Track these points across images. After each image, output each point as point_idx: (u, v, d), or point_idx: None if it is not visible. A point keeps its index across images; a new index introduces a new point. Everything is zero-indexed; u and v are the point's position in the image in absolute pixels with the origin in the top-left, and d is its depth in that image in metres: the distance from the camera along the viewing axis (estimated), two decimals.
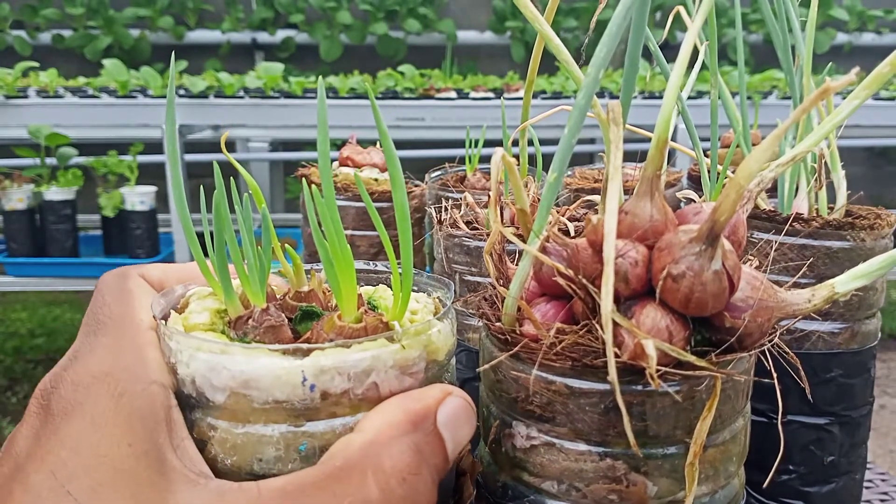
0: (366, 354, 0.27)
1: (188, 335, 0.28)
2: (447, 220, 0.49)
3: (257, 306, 0.30)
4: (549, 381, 0.27)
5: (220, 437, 0.27)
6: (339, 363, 0.27)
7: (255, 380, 0.26)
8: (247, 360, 0.27)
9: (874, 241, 0.42)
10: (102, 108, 2.17)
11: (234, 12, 3.52)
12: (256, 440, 0.27)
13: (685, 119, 0.43)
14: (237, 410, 0.27)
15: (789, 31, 0.43)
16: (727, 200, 0.24)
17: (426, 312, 0.32)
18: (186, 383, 0.28)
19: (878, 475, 0.75)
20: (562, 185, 0.35)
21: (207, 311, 0.31)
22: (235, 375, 0.27)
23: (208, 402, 0.27)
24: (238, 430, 0.27)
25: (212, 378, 0.27)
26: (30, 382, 2.54)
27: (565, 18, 3.48)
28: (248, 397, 0.27)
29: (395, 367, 0.28)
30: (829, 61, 0.60)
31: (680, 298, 0.25)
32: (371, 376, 0.28)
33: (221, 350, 0.27)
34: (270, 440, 0.27)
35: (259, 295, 0.30)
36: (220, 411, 0.27)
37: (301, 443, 0.27)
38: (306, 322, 0.30)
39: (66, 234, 2.16)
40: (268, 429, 0.27)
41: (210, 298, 0.32)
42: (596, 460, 0.28)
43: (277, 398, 0.27)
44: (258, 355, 0.27)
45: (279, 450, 0.27)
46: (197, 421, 0.28)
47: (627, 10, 0.24)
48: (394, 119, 2.23)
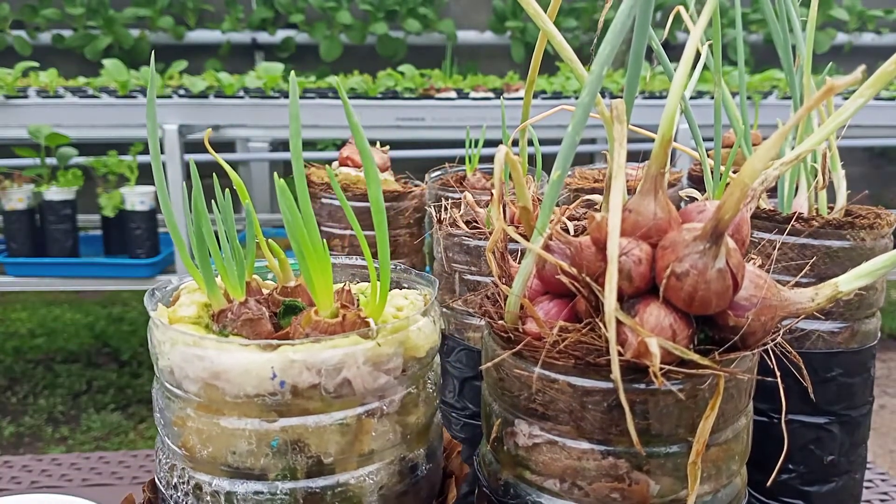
0: (336, 351, 0.27)
1: (167, 327, 0.29)
2: (447, 219, 0.49)
3: (237, 300, 0.30)
4: (552, 379, 0.27)
5: (196, 427, 0.28)
6: (308, 358, 0.27)
7: (226, 372, 0.27)
8: (218, 353, 0.27)
9: (874, 240, 0.42)
10: (102, 108, 2.17)
11: (234, 12, 3.52)
12: (230, 433, 0.27)
13: (688, 118, 0.43)
14: (211, 402, 0.27)
15: (790, 31, 0.43)
16: (731, 198, 0.24)
17: (413, 309, 0.32)
18: (166, 373, 0.29)
19: (878, 475, 0.75)
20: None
21: (195, 304, 0.31)
22: (207, 367, 0.27)
23: (185, 392, 0.28)
24: (212, 421, 0.28)
25: (186, 369, 0.27)
26: (30, 382, 2.54)
27: (565, 18, 3.48)
28: (220, 390, 0.27)
29: (369, 363, 0.28)
30: (830, 61, 0.60)
31: (683, 297, 0.25)
32: (343, 372, 0.27)
33: (195, 342, 0.27)
34: (243, 434, 0.27)
35: (237, 288, 0.30)
36: (195, 402, 0.28)
37: (273, 438, 0.27)
38: (289, 317, 0.30)
39: (66, 234, 2.16)
40: (241, 422, 0.27)
41: (199, 292, 0.32)
42: (598, 459, 0.28)
43: (248, 392, 0.27)
44: (230, 348, 0.27)
45: (251, 444, 0.27)
46: (177, 410, 0.29)
47: (631, 8, 0.25)
48: (394, 119, 2.22)
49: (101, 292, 3.36)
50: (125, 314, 3.17)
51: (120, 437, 2.22)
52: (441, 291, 0.50)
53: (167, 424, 0.29)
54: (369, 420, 0.29)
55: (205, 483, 0.28)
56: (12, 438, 2.22)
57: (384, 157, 0.70)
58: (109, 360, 2.72)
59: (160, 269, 2.28)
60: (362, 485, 0.29)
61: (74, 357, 2.72)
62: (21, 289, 2.22)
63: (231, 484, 0.28)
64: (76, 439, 2.20)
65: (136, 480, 0.75)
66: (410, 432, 0.30)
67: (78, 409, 2.38)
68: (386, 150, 0.71)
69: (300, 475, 0.28)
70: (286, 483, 0.28)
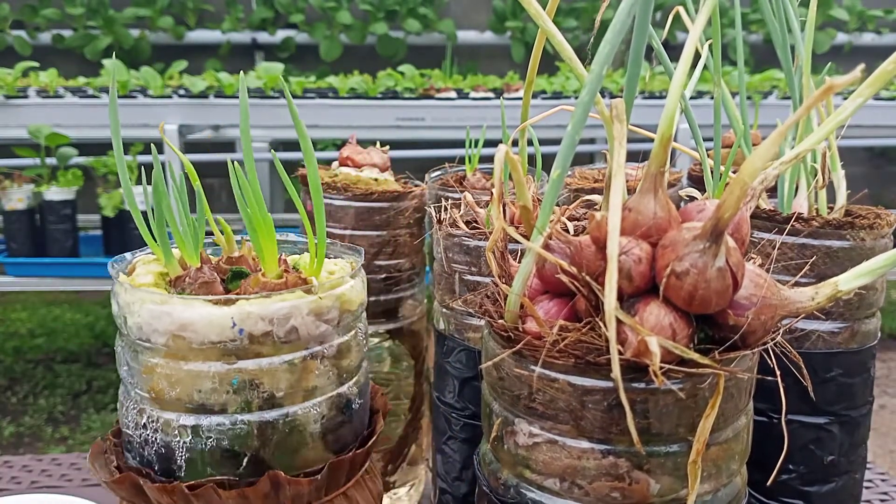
0: (285, 304, 0.32)
1: (136, 290, 0.33)
2: (447, 219, 0.49)
3: (192, 266, 0.35)
4: (552, 378, 0.28)
5: (165, 373, 0.32)
6: (262, 310, 0.32)
7: (192, 324, 0.31)
8: (184, 309, 0.31)
9: (874, 240, 0.43)
10: (102, 108, 2.17)
11: (234, 12, 3.52)
12: (195, 375, 0.32)
13: (688, 118, 0.43)
14: (177, 351, 0.32)
15: (788, 31, 0.43)
16: (731, 197, 0.24)
17: (343, 272, 0.37)
18: (134, 330, 0.33)
19: (878, 475, 0.75)
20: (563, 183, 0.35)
21: (151, 273, 0.36)
22: (175, 321, 0.31)
23: (153, 344, 0.32)
24: (179, 367, 0.32)
25: (154, 324, 0.32)
26: (30, 382, 2.54)
27: (565, 18, 3.48)
28: (185, 339, 0.32)
29: (311, 314, 0.33)
30: (830, 61, 0.60)
31: (683, 296, 0.25)
32: (290, 321, 0.32)
33: (163, 301, 0.32)
34: (207, 375, 0.32)
35: (193, 256, 0.36)
36: (163, 351, 0.32)
37: (233, 377, 0.32)
38: (236, 281, 0.35)
39: (66, 234, 2.16)
40: (205, 366, 0.32)
41: (153, 263, 0.37)
42: (598, 458, 0.28)
43: (212, 339, 0.32)
44: (194, 304, 0.32)
45: (215, 383, 0.32)
46: (145, 361, 0.33)
47: (631, 7, 0.25)
48: (394, 119, 2.22)
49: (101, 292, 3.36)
50: None
51: None
52: (441, 292, 0.50)
53: (136, 374, 0.33)
54: (312, 361, 0.34)
55: (172, 420, 0.33)
56: (12, 438, 2.22)
57: (384, 157, 0.70)
58: (109, 360, 2.72)
59: None
60: (307, 415, 0.34)
61: (74, 357, 2.72)
62: (21, 289, 2.22)
63: (196, 419, 0.32)
64: (76, 439, 2.20)
65: None
66: (344, 373, 0.36)
67: (78, 409, 2.38)
68: (386, 150, 0.71)
69: (255, 408, 0.33)
70: (244, 415, 0.33)
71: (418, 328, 0.69)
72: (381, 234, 0.63)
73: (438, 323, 0.51)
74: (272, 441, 0.33)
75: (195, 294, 0.34)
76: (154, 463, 0.33)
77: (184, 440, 0.33)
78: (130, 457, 0.35)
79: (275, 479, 0.32)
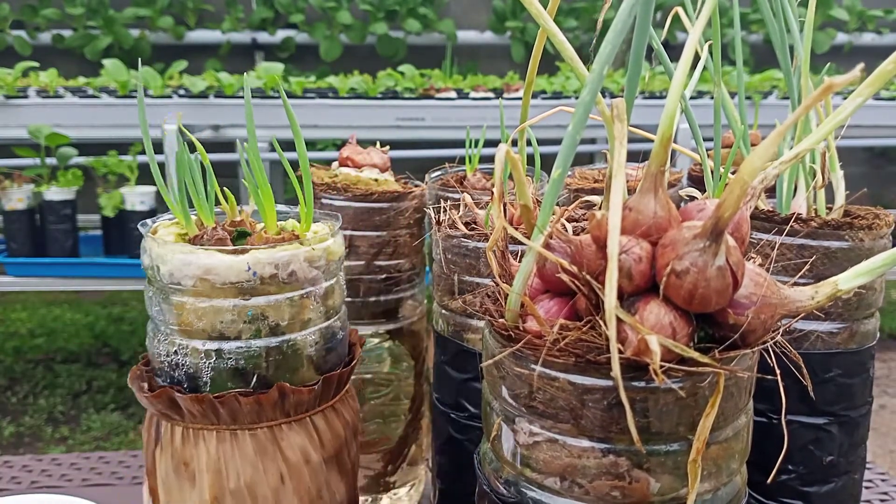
0: (286, 252, 0.41)
1: (169, 243, 0.41)
2: (446, 220, 0.49)
3: (209, 226, 0.43)
4: (552, 377, 0.28)
5: (192, 308, 0.41)
6: (270, 257, 0.41)
7: (215, 268, 0.40)
8: (208, 257, 0.40)
9: (872, 240, 0.43)
10: (102, 108, 2.17)
11: (234, 12, 3.52)
12: (217, 310, 0.41)
13: (688, 117, 0.43)
14: (203, 290, 0.40)
15: (787, 31, 0.43)
16: (731, 197, 0.24)
17: (325, 231, 0.46)
18: (166, 276, 0.41)
19: (878, 475, 0.75)
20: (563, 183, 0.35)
21: (171, 234, 0.44)
22: (201, 266, 0.40)
23: (183, 286, 0.40)
24: (205, 303, 0.41)
25: (184, 270, 0.40)
26: (29, 382, 2.54)
27: (566, 18, 3.48)
28: (209, 281, 0.40)
29: (306, 261, 0.42)
30: (829, 61, 0.60)
31: (683, 295, 0.25)
32: (291, 266, 0.41)
33: (191, 251, 0.40)
34: (227, 309, 0.41)
35: (210, 218, 0.44)
36: (191, 292, 0.40)
37: (248, 311, 0.41)
38: (241, 239, 0.43)
39: (66, 234, 2.16)
40: (225, 302, 0.41)
41: (172, 226, 0.45)
42: (599, 457, 0.28)
43: (231, 281, 0.40)
44: (216, 254, 0.40)
45: (233, 315, 0.41)
46: (175, 300, 0.41)
47: (632, 7, 0.25)
48: (394, 119, 2.22)
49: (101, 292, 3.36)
50: (125, 314, 3.17)
51: (120, 437, 2.22)
52: (440, 293, 0.50)
53: (166, 313, 0.41)
54: (307, 299, 0.43)
55: (199, 346, 0.41)
56: (12, 438, 2.22)
57: (384, 157, 0.70)
58: (109, 360, 2.72)
59: None
60: (304, 341, 0.43)
61: (74, 357, 2.72)
62: (21, 289, 2.22)
63: (219, 344, 0.41)
64: (76, 439, 2.20)
65: (135, 480, 0.75)
66: (330, 310, 0.45)
67: (78, 409, 2.38)
68: (386, 150, 0.71)
69: (264, 335, 0.42)
70: (255, 341, 0.41)
71: (418, 329, 0.69)
72: (381, 235, 0.63)
73: (438, 324, 0.51)
74: (277, 362, 0.42)
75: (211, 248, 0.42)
76: (183, 382, 0.42)
77: (209, 361, 0.41)
78: (160, 380, 0.43)
79: (282, 390, 0.41)
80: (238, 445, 0.42)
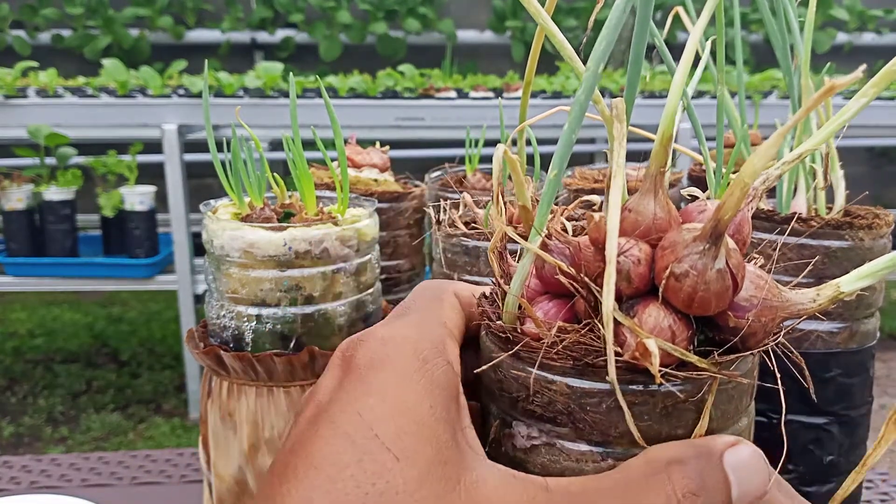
0: (319, 231, 0.46)
1: (222, 220, 0.47)
2: (445, 220, 0.49)
3: (258, 206, 0.49)
4: (550, 380, 0.27)
5: (238, 276, 0.46)
6: (304, 234, 0.45)
7: (257, 242, 0.45)
8: (252, 232, 0.45)
9: (873, 240, 0.42)
10: (102, 108, 2.17)
11: (233, 12, 3.51)
12: (258, 279, 0.45)
13: (691, 116, 0.42)
14: (247, 262, 0.45)
15: (788, 31, 0.42)
16: (732, 198, 0.24)
17: (361, 214, 0.50)
18: (218, 248, 0.46)
19: (878, 475, 0.75)
20: (561, 183, 0.35)
21: (228, 213, 0.49)
22: (246, 241, 0.45)
23: (231, 257, 0.45)
24: (248, 273, 0.45)
25: (232, 243, 0.45)
26: (29, 382, 2.54)
27: (565, 18, 3.48)
28: (252, 254, 0.45)
29: (338, 239, 0.46)
30: (830, 61, 0.60)
31: (683, 297, 0.25)
32: (323, 244, 0.46)
33: (237, 227, 0.45)
34: (266, 279, 0.45)
35: (259, 200, 0.50)
36: (237, 263, 0.45)
37: (284, 281, 0.45)
38: (287, 218, 0.48)
39: (65, 234, 2.16)
40: (266, 273, 0.45)
41: (230, 207, 0.50)
42: (597, 460, 0.27)
43: (270, 254, 0.45)
44: (259, 231, 0.45)
45: (272, 285, 0.45)
46: (225, 269, 0.46)
47: (627, 2, 0.24)
48: (394, 119, 2.22)
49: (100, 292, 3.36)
50: (124, 314, 3.17)
51: (119, 438, 2.21)
52: None
53: (218, 280, 0.46)
54: (338, 274, 0.47)
55: (243, 311, 0.46)
56: (12, 438, 2.22)
57: (384, 157, 0.70)
58: (109, 360, 2.72)
59: (159, 269, 2.27)
60: (335, 311, 0.47)
61: (74, 357, 2.72)
62: (20, 289, 2.22)
63: (259, 310, 0.46)
64: (75, 439, 2.20)
65: (135, 480, 0.75)
66: (361, 285, 0.49)
67: (77, 410, 2.38)
68: (386, 150, 0.71)
69: (299, 304, 0.46)
70: (291, 308, 0.46)
71: None
72: (380, 235, 0.63)
73: None
74: (310, 328, 0.46)
75: (260, 225, 0.47)
76: (230, 342, 0.47)
77: (250, 325, 0.46)
78: (213, 340, 0.48)
79: (312, 352, 0.45)
80: (273, 401, 0.46)
